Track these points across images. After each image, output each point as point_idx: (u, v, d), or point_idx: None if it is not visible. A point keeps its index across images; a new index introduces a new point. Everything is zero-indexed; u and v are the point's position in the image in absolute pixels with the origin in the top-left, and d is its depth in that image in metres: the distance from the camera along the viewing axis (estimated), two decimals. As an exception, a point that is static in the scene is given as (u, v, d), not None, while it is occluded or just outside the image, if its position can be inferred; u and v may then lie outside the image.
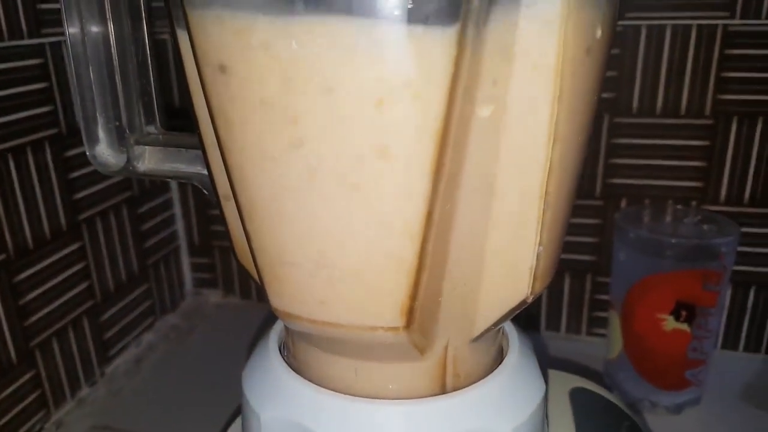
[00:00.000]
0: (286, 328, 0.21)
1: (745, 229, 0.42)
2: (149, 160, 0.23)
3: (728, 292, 0.43)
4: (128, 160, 0.23)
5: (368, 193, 0.15)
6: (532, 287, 0.17)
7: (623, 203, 0.43)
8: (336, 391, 0.18)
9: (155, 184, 0.48)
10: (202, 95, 0.16)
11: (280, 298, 0.17)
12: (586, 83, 0.16)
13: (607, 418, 0.24)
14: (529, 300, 0.18)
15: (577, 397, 0.24)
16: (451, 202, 0.15)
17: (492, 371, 0.19)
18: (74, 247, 0.39)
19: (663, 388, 0.38)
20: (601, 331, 0.45)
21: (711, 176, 0.42)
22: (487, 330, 0.18)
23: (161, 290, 0.49)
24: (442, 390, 0.19)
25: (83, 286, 0.40)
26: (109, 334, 0.43)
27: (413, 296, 0.16)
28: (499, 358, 0.20)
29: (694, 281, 0.36)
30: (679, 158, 0.42)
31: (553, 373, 0.24)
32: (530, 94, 0.15)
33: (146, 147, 0.22)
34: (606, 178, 0.43)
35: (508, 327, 0.22)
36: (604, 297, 0.45)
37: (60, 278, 0.38)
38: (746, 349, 0.45)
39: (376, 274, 0.15)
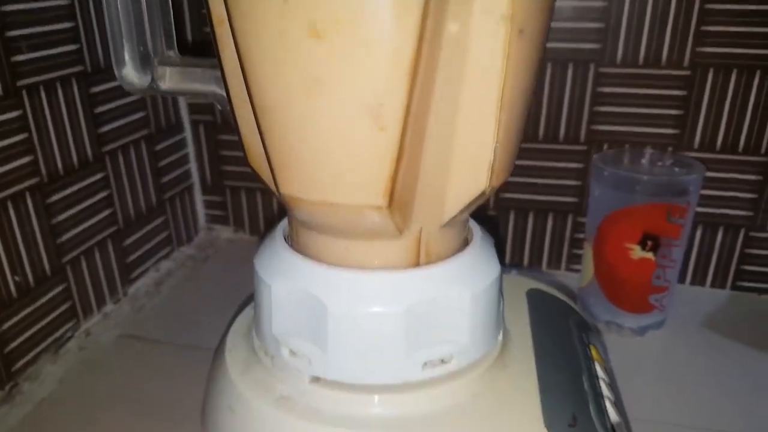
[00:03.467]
0: (289, 221, 0.25)
1: (716, 174, 0.44)
2: (170, 80, 0.26)
3: (698, 231, 0.47)
4: (152, 80, 0.26)
5: (360, 90, 0.18)
6: (490, 180, 0.21)
7: (605, 149, 0.45)
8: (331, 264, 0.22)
9: (170, 124, 0.51)
10: (228, 24, 0.19)
11: (288, 184, 0.21)
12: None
13: (557, 313, 0.27)
14: (488, 192, 0.21)
15: (532, 296, 0.27)
16: (425, 98, 0.19)
17: (457, 254, 0.23)
18: (99, 176, 0.43)
19: (628, 311, 0.41)
20: (579, 267, 0.48)
21: (686, 124, 0.44)
22: (454, 218, 0.22)
23: (177, 223, 0.53)
24: (416, 264, 0.23)
25: (107, 212, 0.44)
26: (131, 258, 0.47)
27: (393, 179, 0.19)
28: (464, 246, 0.24)
29: (660, 214, 0.38)
30: (658, 107, 0.44)
31: (513, 276, 0.28)
32: (488, 18, 0.18)
33: (167, 68, 0.26)
34: (590, 125, 0.45)
35: (473, 226, 0.25)
36: (583, 236, 0.48)
37: (87, 203, 0.42)
38: (713, 284, 0.48)
39: (364, 160, 0.19)
